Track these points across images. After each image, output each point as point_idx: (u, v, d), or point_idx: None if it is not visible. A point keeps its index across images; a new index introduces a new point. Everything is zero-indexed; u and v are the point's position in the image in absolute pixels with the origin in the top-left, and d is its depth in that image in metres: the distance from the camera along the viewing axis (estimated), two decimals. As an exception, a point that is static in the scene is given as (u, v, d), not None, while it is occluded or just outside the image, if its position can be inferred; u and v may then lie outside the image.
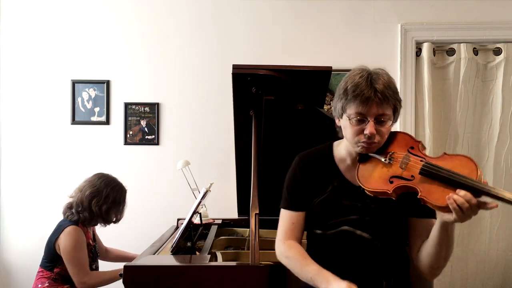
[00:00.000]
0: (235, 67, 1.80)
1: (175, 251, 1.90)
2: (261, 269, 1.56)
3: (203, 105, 3.21)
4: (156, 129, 3.22)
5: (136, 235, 3.09)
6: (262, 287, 1.53)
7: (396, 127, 3.18)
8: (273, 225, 2.12)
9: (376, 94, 1.21)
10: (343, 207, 1.32)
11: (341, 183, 1.35)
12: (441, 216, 1.13)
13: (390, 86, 1.24)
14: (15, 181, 3.21)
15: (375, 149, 1.27)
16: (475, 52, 3.23)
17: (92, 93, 3.22)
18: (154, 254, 1.90)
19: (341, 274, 1.25)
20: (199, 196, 2.16)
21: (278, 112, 1.98)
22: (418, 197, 1.15)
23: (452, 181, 1.11)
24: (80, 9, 3.23)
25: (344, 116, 1.27)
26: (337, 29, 3.21)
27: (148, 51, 3.23)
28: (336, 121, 1.35)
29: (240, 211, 2.49)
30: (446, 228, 1.13)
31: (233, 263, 1.80)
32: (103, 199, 2.24)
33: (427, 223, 1.28)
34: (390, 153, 1.25)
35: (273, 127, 2.05)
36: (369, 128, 1.21)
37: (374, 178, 1.23)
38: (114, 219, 2.35)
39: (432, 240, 1.18)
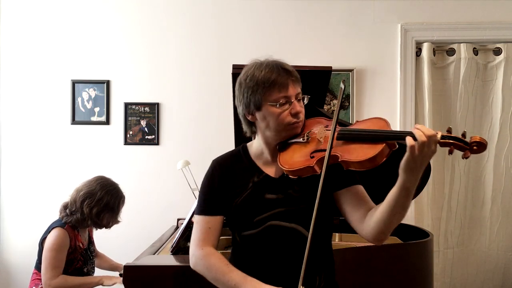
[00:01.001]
0: (235, 67, 1.80)
1: (175, 251, 1.90)
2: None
3: (203, 105, 3.21)
4: (156, 129, 3.22)
5: (136, 235, 3.09)
6: (262, 287, 1.53)
7: (396, 127, 3.19)
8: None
9: (291, 75, 1.28)
10: (266, 201, 1.28)
11: (261, 177, 1.32)
12: (402, 167, 1.08)
13: (292, 68, 1.31)
14: (15, 181, 3.21)
15: (300, 129, 1.29)
16: (475, 52, 3.23)
17: (92, 93, 3.22)
18: (154, 254, 1.90)
19: (273, 273, 1.24)
20: (199, 196, 2.15)
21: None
22: (339, 161, 1.16)
23: (367, 136, 1.15)
24: (80, 9, 3.23)
25: (265, 106, 1.26)
26: (337, 29, 3.21)
27: (148, 51, 3.23)
28: (249, 117, 1.32)
29: (240, 211, 2.48)
30: (404, 189, 1.09)
31: (233, 263, 1.80)
32: (95, 201, 2.18)
33: (355, 191, 1.28)
34: (307, 133, 1.29)
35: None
36: (296, 107, 1.26)
37: (296, 158, 1.24)
38: (105, 224, 2.28)
39: (388, 204, 1.13)
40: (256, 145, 1.37)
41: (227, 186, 1.34)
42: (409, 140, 1.04)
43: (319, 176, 1.17)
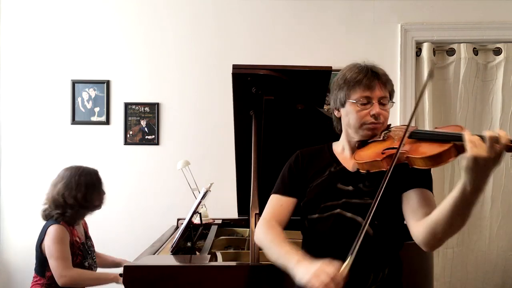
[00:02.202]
0: (235, 67, 1.80)
1: (175, 251, 1.89)
2: (261, 269, 1.56)
3: (203, 105, 3.21)
4: (156, 129, 3.22)
5: (136, 235, 3.09)
6: (262, 287, 1.53)
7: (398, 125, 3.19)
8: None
9: (379, 78, 1.33)
10: (337, 190, 1.33)
11: (338, 168, 1.38)
12: (463, 170, 1.05)
13: (386, 73, 1.37)
14: (15, 181, 3.21)
15: (379, 131, 1.32)
16: (475, 52, 3.23)
17: (92, 93, 3.22)
18: (154, 254, 1.90)
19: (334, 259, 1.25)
20: (199, 196, 2.16)
21: (278, 112, 1.98)
22: (404, 157, 1.17)
23: (438, 136, 1.15)
24: (80, 9, 3.23)
25: (348, 103, 1.34)
26: (337, 29, 3.22)
27: (148, 51, 3.23)
28: (336, 113, 1.42)
29: (240, 211, 2.49)
30: (465, 193, 1.05)
31: (233, 263, 1.80)
32: (76, 188, 2.18)
33: (421, 193, 1.26)
34: (385, 132, 1.32)
35: (273, 127, 2.05)
36: (376, 109, 1.30)
37: (368, 153, 1.27)
38: (98, 203, 2.29)
39: (445, 206, 1.11)
40: (339, 144, 1.45)
41: (307, 170, 1.41)
42: (468, 137, 1.02)
43: (393, 177, 1.18)
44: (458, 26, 3.20)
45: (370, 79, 1.31)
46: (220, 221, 2.60)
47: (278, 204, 1.41)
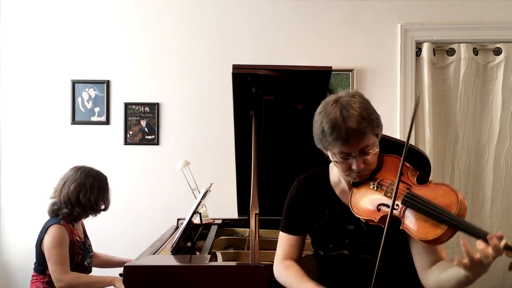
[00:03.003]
0: (235, 67, 1.80)
1: (175, 251, 1.89)
2: (261, 269, 1.56)
3: (203, 105, 3.21)
4: (156, 129, 3.22)
5: (136, 235, 3.09)
6: (262, 287, 1.53)
7: (396, 127, 3.19)
8: (273, 225, 2.13)
9: (352, 133, 1.18)
10: (342, 230, 1.34)
11: (337, 206, 1.37)
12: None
13: (364, 117, 1.20)
14: (15, 181, 3.21)
15: (367, 176, 1.29)
16: (475, 52, 3.23)
17: (92, 93, 3.22)
18: (154, 254, 1.90)
19: None
20: (199, 196, 2.16)
21: (278, 112, 1.98)
22: (400, 228, 1.17)
23: (432, 213, 1.12)
24: (80, 9, 3.23)
25: (330, 154, 1.27)
26: (337, 29, 3.21)
27: (148, 51, 3.23)
28: (323, 152, 1.34)
29: (240, 211, 2.49)
30: (468, 278, 1.10)
31: (233, 263, 1.80)
32: (89, 190, 2.23)
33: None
34: (378, 180, 1.26)
35: (273, 127, 2.05)
36: (356, 164, 1.22)
37: (364, 204, 1.25)
38: (104, 208, 2.34)
39: (449, 278, 1.14)
40: (335, 172, 1.40)
41: (307, 208, 1.42)
42: (469, 253, 1.05)
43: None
44: (458, 26, 3.20)
45: (345, 134, 1.18)
46: (220, 221, 2.60)
47: (288, 244, 1.44)
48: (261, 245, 1.72)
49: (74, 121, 3.22)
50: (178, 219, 2.68)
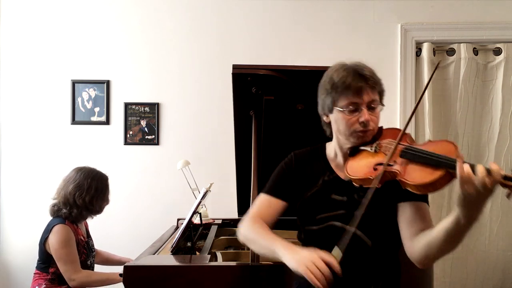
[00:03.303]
0: (235, 67, 1.80)
1: (175, 251, 1.89)
2: (261, 269, 1.56)
3: (203, 105, 3.21)
4: (156, 129, 3.22)
5: (136, 235, 3.09)
6: (262, 287, 1.53)
7: (396, 127, 3.19)
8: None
9: (367, 82, 1.24)
10: (331, 201, 1.31)
11: (331, 177, 1.35)
12: (458, 200, 1.04)
13: (374, 73, 1.28)
14: (15, 181, 3.21)
15: (370, 137, 1.28)
16: (475, 52, 3.23)
17: (92, 93, 3.22)
18: (154, 254, 1.90)
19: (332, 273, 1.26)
20: (199, 196, 2.16)
21: (278, 112, 1.98)
22: (397, 179, 1.15)
23: (429, 159, 1.11)
24: (80, 9, 3.23)
25: (335, 110, 1.27)
26: (337, 29, 3.21)
27: (148, 51, 3.23)
28: (324, 118, 1.36)
29: (240, 211, 2.48)
30: (458, 224, 1.05)
31: (233, 263, 1.80)
32: (86, 191, 2.25)
33: (417, 207, 1.24)
34: (376, 143, 1.27)
35: (273, 127, 2.05)
36: (365, 116, 1.23)
37: (360, 166, 1.24)
38: (99, 209, 2.34)
39: (439, 232, 1.11)
40: (331, 147, 1.39)
41: (300, 176, 1.37)
42: (460, 171, 0.98)
43: (387, 188, 1.19)
44: (458, 26, 3.20)
45: (358, 83, 1.23)
46: (220, 221, 2.60)
47: (266, 204, 1.38)
48: (261, 245, 1.72)
49: (74, 121, 3.22)
50: (178, 219, 2.68)
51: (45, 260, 2.21)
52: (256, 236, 1.28)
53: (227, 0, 3.23)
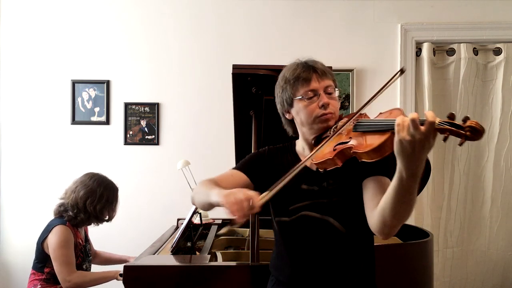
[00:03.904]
0: (235, 67, 1.80)
1: (175, 251, 1.90)
2: (261, 269, 1.56)
3: (203, 105, 3.21)
4: (156, 129, 3.22)
5: (136, 235, 3.09)
6: (262, 287, 1.53)
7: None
8: (273, 225, 2.13)
9: (315, 70, 1.32)
10: (302, 191, 1.32)
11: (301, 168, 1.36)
12: (398, 161, 1.02)
13: (324, 65, 1.37)
14: (15, 181, 3.21)
15: (333, 122, 1.31)
16: (475, 52, 3.23)
17: (92, 93, 3.22)
18: (154, 254, 1.90)
19: (306, 262, 1.29)
20: (199, 196, 2.15)
21: (278, 112, 1.98)
22: (351, 152, 1.16)
23: (376, 125, 1.13)
24: (80, 9, 3.23)
25: (295, 102, 1.32)
26: (337, 29, 3.21)
27: (148, 51, 3.23)
28: (286, 115, 1.39)
29: (240, 211, 2.48)
30: (401, 179, 1.02)
31: (233, 263, 1.80)
32: (97, 199, 2.25)
33: (379, 181, 1.25)
34: (333, 127, 1.30)
35: (273, 127, 2.05)
36: (324, 99, 1.29)
37: (322, 152, 1.25)
38: (107, 218, 2.36)
39: (388, 192, 1.09)
40: (299, 143, 1.43)
41: (271, 166, 1.40)
42: (397, 120, 0.98)
43: (352, 169, 1.23)
44: (458, 26, 3.20)
45: (308, 73, 1.31)
46: (220, 221, 2.60)
47: (229, 173, 1.41)
48: (261, 245, 1.72)
49: (74, 121, 3.22)
50: (178, 219, 2.68)
51: (41, 260, 2.21)
52: (201, 187, 1.31)
53: (227, 0, 3.23)
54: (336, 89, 1.34)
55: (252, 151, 1.90)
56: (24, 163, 3.21)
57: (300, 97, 1.30)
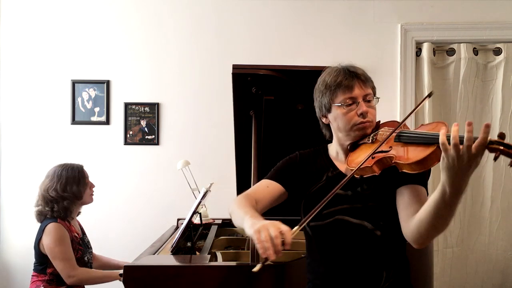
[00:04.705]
0: (235, 67, 1.80)
1: (175, 251, 1.90)
2: (261, 269, 1.55)
3: (203, 105, 3.21)
4: (156, 129, 3.22)
5: (136, 235, 3.09)
6: (262, 287, 1.53)
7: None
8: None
9: (358, 77, 1.33)
10: (336, 196, 1.30)
11: (334, 173, 1.38)
12: (442, 174, 1.04)
13: (365, 71, 1.37)
14: (15, 181, 3.21)
15: (370, 130, 1.32)
16: (475, 52, 3.23)
17: (92, 93, 3.22)
18: (154, 254, 1.90)
19: (341, 265, 1.29)
20: (199, 196, 2.16)
21: (278, 112, 1.98)
22: (392, 162, 1.18)
23: (421, 138, 1.14)
24: (80, 9, 3.23)
25: (333, 108, 1.33)
26: (337, 29, 3.21)
27: (148, 51, 3.23)
28: (323, 120, 1.41)
29: (240, 211, 2.48)
30: (444, 194, 1.03)
31: (233, 263, 1.81)
32: (55, 182, 2.24)
33: (414, 190, 1.25)
34: (373, 134, 1.32)
35: (273, 127, 2.05)
36: (362, 107, 1.30)
37: (359, 158, 1.27)
38: (78, 194, 2.27)
39: (428, 205, 1.11)
40: (332, 147, 1.44)
41: (304, 172, 1.41)
42: (442, 136, 1.00)
43: (387, 176, 1.24)
44: (458, 26, 3.20)
45: (350, 80, 1.31)
46: (220, 221, 2.60)
47: (264, 185, 1.40)
48: (261, 245, 1.72)
49: (74, 121, 3.22)
50: (178, 219, 2.68)
51: (42, 262, 2.21)
52: (236, 207, 1.29)
53: (227, 0, 3.23)
54: (375, 97, 1.35)
55: (252, 151, 1.91)
56: (24, 163, 3.21)
57: (339, 104, 1.31)
